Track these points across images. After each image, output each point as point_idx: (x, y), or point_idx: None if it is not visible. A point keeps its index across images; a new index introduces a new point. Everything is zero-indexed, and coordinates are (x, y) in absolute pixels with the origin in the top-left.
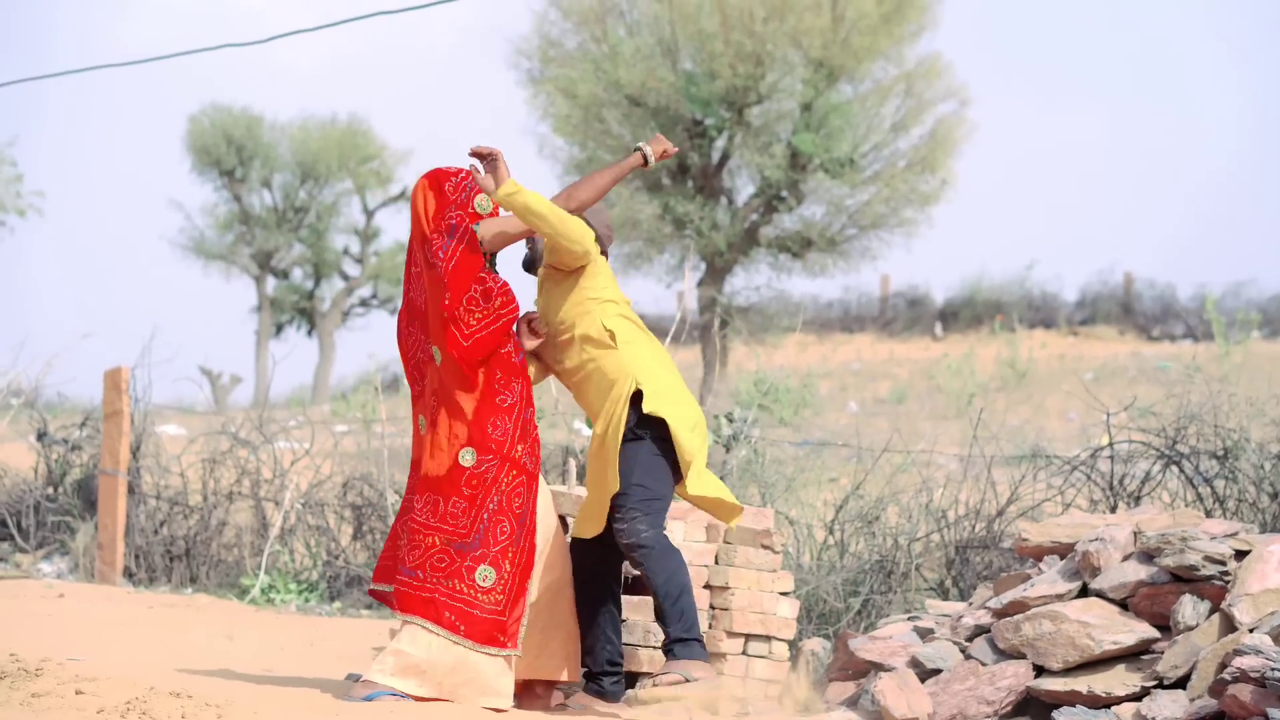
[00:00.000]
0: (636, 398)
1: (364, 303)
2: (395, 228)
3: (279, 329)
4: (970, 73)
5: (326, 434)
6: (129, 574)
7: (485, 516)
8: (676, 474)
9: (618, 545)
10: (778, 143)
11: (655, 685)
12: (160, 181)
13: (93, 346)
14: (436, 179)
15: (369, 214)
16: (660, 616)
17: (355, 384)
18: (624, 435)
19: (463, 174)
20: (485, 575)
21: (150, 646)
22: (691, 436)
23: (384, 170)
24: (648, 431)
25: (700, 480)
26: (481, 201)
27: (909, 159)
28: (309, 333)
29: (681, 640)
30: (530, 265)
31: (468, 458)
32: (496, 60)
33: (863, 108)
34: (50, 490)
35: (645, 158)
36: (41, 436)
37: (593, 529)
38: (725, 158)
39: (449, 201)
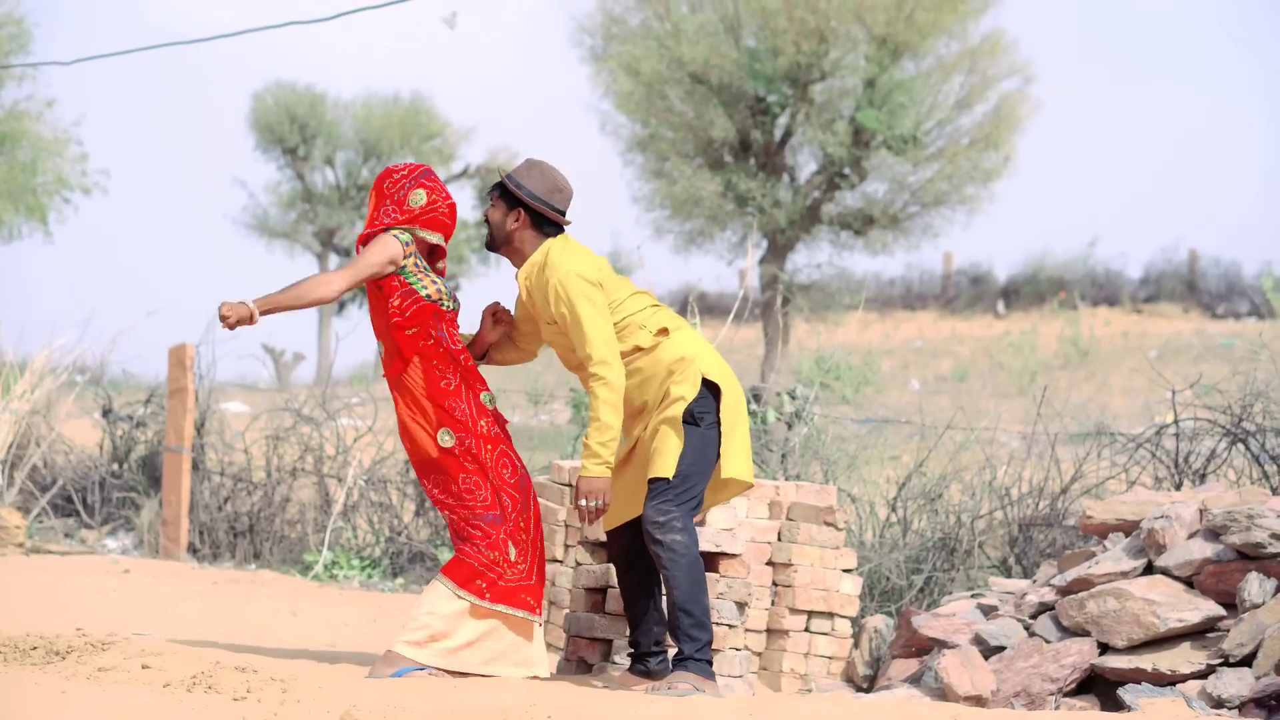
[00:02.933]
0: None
1: None
2: (458, 205)
3: (341, 307)
4: (1034, 49)
5: (389, 411)
6: (193, 550)
7: (496, 488)
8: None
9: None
10: (840, 119)
11: (661, 694)
12: (224, 160)
13: (157, 324)
14: (381, 178)
15: None
16: (675, 628)
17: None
18: (683, 416)
19: (404, 170)
20: (512, 549)
21: (215, 622)
22: (737, 423)
23: (446, 148)
24: (704, 415)
25: (733, 462)
26: (415, 197)
27: (972, 136)
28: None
29: (694, 659)
30: (491, 245)
31: (446, 438)
32: (559, 37)
33: (926, 84)
34: (115, 467)
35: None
36: (107, 413)
37: (634, 510)
38: (788, 135)
39: (385, 197)
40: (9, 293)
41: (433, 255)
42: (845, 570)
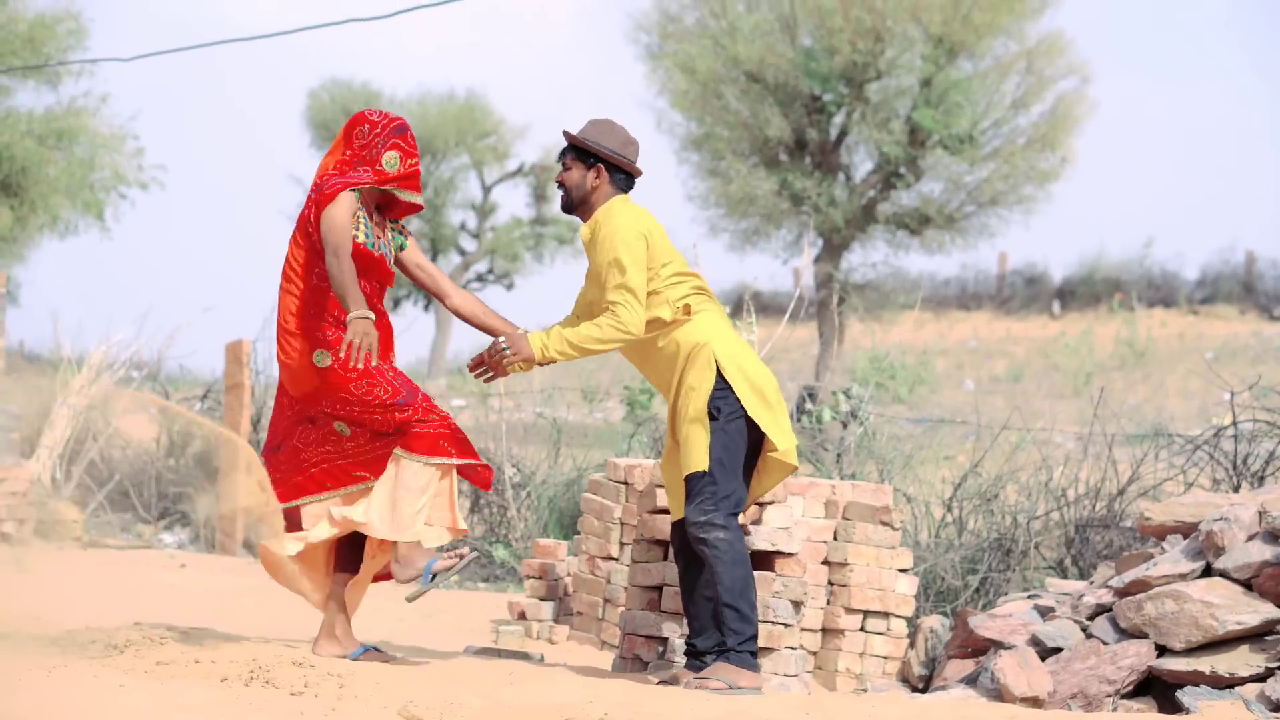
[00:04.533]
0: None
1: (480, 278)
2: (512, 203)
3: (396, 303)
4: (1092, 48)
5: (444, 408)
6: (248, 545)
7: (388, 378)
8: (752, 454)
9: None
10: (896, 119)
11: (696, 685)
12: (280, 156)
13: (214, 320)
14: (352, 123)
15: (486, 189)
16: (720, 622)
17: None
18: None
19: (380, 124)
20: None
21: (271, 617)
22: (763, 403)
23: (501, 146)
24: (725, 404)
25: (785, 434)
26: (389, 160)
27: (1029, 136)
28: (425, 307)
29: (735, 651)
30: (569, 207)
31: (323, 359)
32: (616, 36)
33: (983, 84)
34: (172, 461)
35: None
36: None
37: (680, 510)
38: (844, 134)
39: (356, 154)
40: (67, 288)
41: (391, 208)
42: (901, 570)
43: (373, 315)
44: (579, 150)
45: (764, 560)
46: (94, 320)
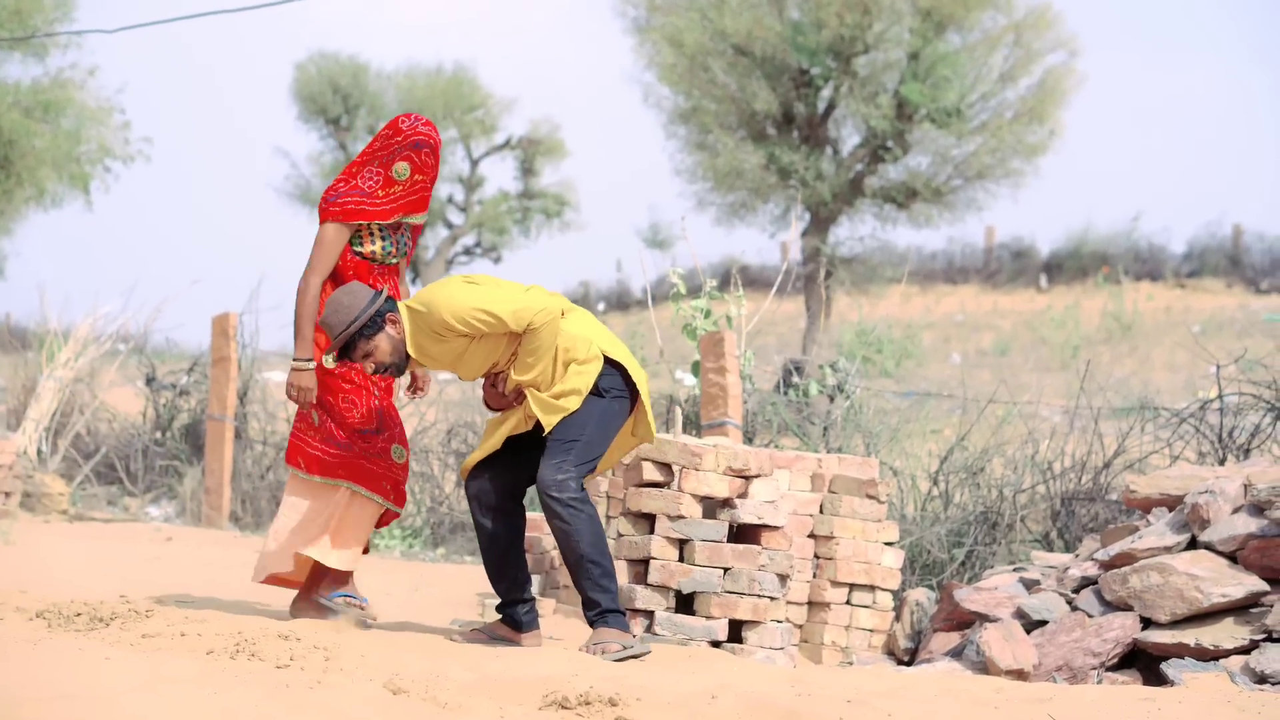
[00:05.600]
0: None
1: (468, 251)
2: (500, 176)
3: None
4: (1080, 22)
5: (430, 380)
6: (235, 518)
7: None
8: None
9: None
10: (884, 93)
11: (598, 651)
12: (266, 129)
13: (200, 293)
14: (390, 122)
15: (474, 163)
16: (584, 581)
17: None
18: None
19: (408, 130)
20: (399, 453)
21: (257, 590)
22: (644, 392)
23: (488, 119)
24: (610, 389)
25: (646, 427)
26: (399, 169)
27: (1016, 110)
28: (413, 280)
29: (613, 610)
30: (402, 367)
31: (329, 360)
32: (603, 9)
33: (971, 58)
34: (158, 435)
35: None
36: (150, 382)
37: (510, 430)
38: (831, 107)
39: (376, 152)
40: (53, 261)
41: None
42: (887, 543)
43: (312, 365)
44: (362, 332)
45: (750, 534)
46: (80, 293)
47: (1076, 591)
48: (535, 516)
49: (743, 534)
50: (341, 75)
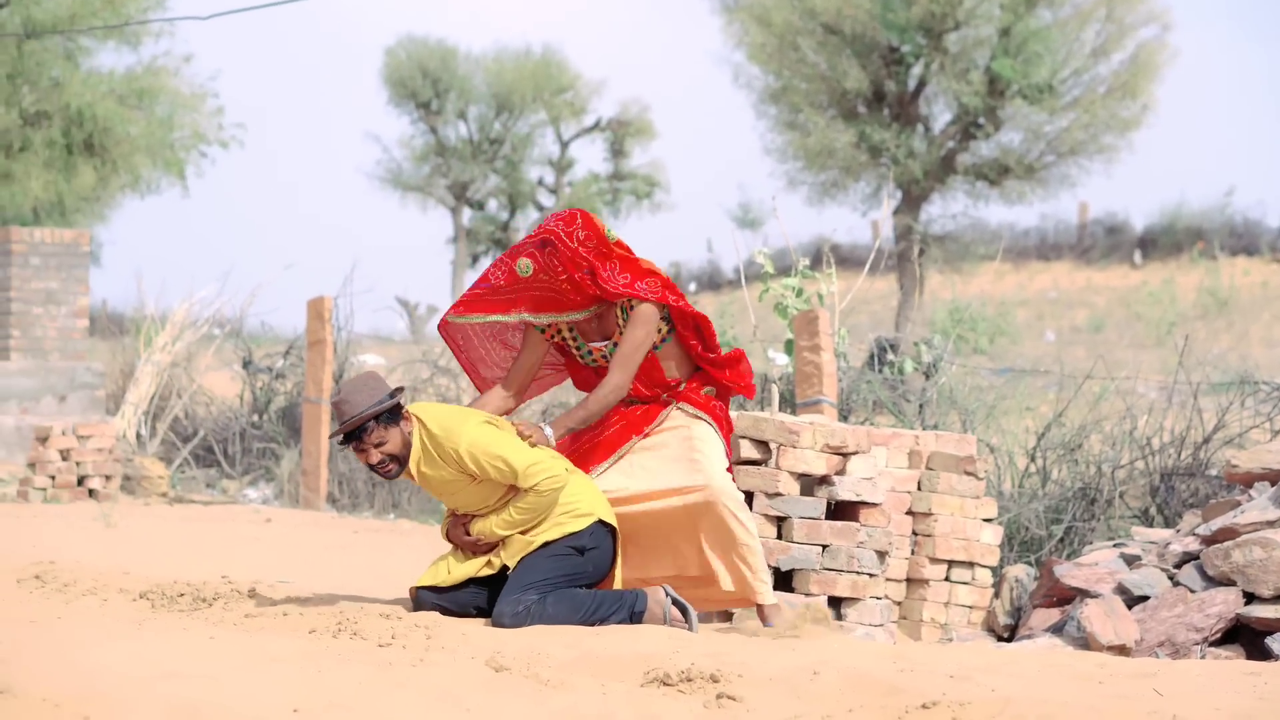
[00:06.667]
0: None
1: None
2: (589, 158)
3: (474, 259)
4: None
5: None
6: (332, 500)
7: None
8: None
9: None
10: (975, 69)
11: None
12: (358, 114)
13: (294, 277)
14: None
15: (563, 145)
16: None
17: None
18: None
19: (546, 227)
20: None
21: (357, 570)
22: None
23: (578, 101)
24: (591, 551)
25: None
26: (522, 265)
27: (1109, 85)
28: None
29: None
30: (398, 471)
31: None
32: None
33: (1062, 33)
34: (255, 418)
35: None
36: (246, 365)
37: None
38: (922, 84)
39: (606, 257)
40: (149, 247)
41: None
42: (985, 520)
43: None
44: (381, 418)
45: (848, 510)
46: (176, 278)
47: (1178, 567)
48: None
49: (841, 511)
50: (430, 59)
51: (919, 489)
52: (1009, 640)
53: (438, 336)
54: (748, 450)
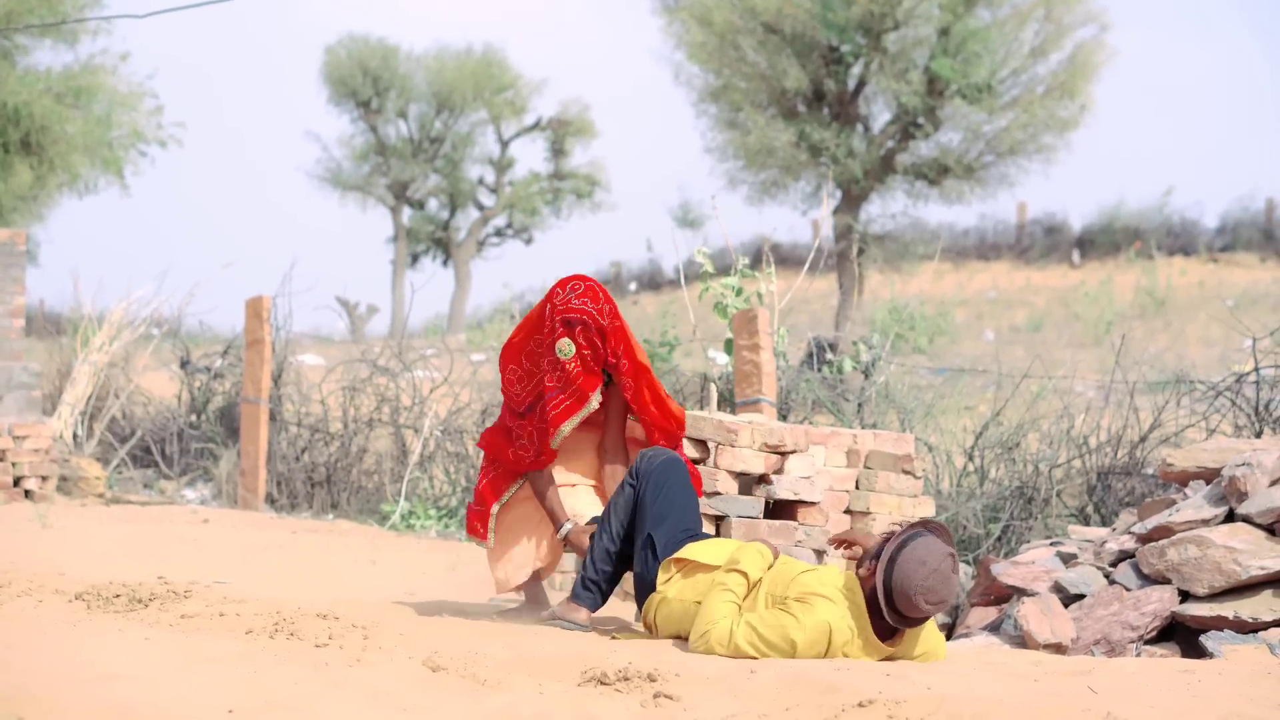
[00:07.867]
0: None
1: (499, 233)
2: (530, 157)
3: (415, 259)
4: None
5: (464, 362)
6: (271, 500)
7: None
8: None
9: None
10: (915, 69)
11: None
12: (298, 113)
13: (233, 276)
14: (551, 291)
15: (504, 144)
16: None
17: (490, 313)
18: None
19: (561, 304)
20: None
21: (294, 571)
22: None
23: (518, 100)
24: None
25: None
26: (562, 346)
27: (1047, 85)
28: (444, 263)
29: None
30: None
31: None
32: None
33: (1001, 33)
34: (193, 418)
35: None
36: (184, 365)
37: None
38: (861, 84)
39: (544, 337)
40: (86, 247)
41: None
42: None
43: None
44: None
45: (786, 509)
46: (114, 278)
47: (1114, 565)
48: None
49: (779, 510)
50: (371, 58)
51: (857, 488)
52: (947, 639)
53: (375, 336)
54: (687, 449)
